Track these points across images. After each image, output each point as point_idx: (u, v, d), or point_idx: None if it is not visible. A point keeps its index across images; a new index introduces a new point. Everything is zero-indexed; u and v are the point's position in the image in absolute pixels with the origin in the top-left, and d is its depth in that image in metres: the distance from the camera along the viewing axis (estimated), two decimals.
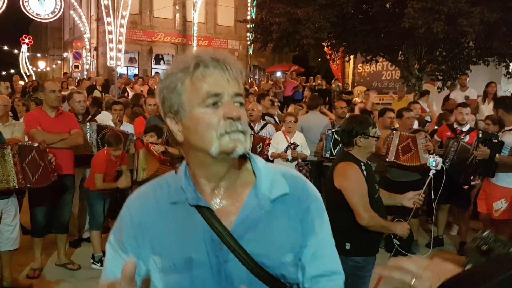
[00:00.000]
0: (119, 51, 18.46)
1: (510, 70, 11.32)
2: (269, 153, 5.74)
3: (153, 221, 1.16)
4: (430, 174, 3.23)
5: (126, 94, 12.55)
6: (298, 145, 5.69)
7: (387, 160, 5.31)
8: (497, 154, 4.76)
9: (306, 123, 6.57)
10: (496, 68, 11.43)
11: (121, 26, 18.37)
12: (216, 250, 1.10)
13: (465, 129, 5.69)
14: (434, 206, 4.06)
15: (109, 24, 18.22)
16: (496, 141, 4.77)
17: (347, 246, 2.83)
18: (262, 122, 6.46)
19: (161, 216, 1.16)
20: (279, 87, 15.35)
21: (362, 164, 2.96)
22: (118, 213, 1.24)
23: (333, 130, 5.86)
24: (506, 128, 4.99)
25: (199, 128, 1.06)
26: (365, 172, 2.91)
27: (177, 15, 24.79)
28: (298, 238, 1.16)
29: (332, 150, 5.73)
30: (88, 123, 5.42)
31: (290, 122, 5.80)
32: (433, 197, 3.85)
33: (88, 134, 5.30)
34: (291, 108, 8.66)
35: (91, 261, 4.92)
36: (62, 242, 4.86)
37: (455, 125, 5.81)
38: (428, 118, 8.90)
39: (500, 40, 9.81)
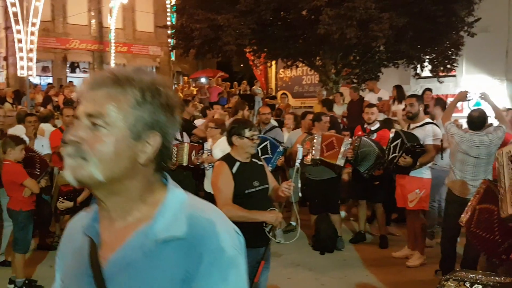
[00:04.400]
0: (31, 60, 17.39)
1: (418, 71, 12.20)
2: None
3: (69, 246, 1.13)
4: (297, 163, 3.48)
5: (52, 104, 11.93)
6: (207, 150, 5.77)
7: (312, 158, 5.51)
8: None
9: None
10: (405, 70, 12.27)
11: (32, 34, 17.32)
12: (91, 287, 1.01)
13: (374, 127, 6.09)
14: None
15: (18, 32, 17.10)
16: (419, 151, 5.06)
17: None
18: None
19: (74, 241, 1.11)
20: (204, 93, 15.33)
21: (239, 163, 3.24)
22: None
23: (261, 136, 5.99)
24: (416, 124, 5.38)
25: None
26: (234, 170, 3.20)
27: (93, 21, 23.83)
28: None
29: (259, 154, 5.83)
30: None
31: (212, 128, 5.85)
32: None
33: None
34: (217, 114, 8.66)
35: (9, 286, 4.57)
36: None
37: (365, 125, 6.20)
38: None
39: (407, 43, 10.54)
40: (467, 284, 2.18)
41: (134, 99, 0.99)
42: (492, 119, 5.65)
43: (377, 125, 6.13)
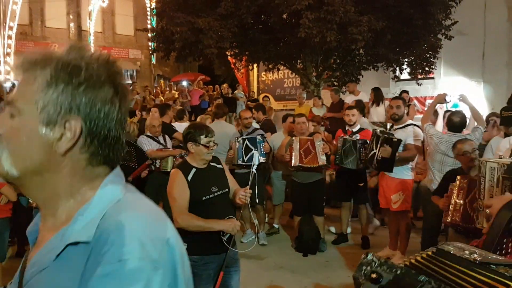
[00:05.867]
0: (8, 64, 17.11)
1: (397, 74, 12.37)
2: None
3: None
4: (253, 170, 3.43)
5: None
6: (183, 155, 5.77)
7: (292, 165, 5.61)
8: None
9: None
10: (384, 72, 12.43)
11: (9, 37, 17.06)
12: None
13: (355, 129, 6.14)
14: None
15: None
16: (395, 140, 5.12)
17: (185, 246, 2.92)
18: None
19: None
20: (185, 96, 15.26)
21: (195, 169, 3.15)
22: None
23: (243, 137, 6.02)
24: (399, 126, 5.45)
25: None
26: (189, 177, 3.10)
27: (72, 24, 23.55)
28: None
29: (244, 157, 5.85)
30: None
31: None
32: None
33: None
34: (198, 118, 8.65)
35: None
36: None
37: (346, 127, 6.27)
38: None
39: (386, 46, 10.67)
40: (467, 252, 2.21)
41: (45, 80, 0.88)
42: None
43: (358, 127, 6.20)
